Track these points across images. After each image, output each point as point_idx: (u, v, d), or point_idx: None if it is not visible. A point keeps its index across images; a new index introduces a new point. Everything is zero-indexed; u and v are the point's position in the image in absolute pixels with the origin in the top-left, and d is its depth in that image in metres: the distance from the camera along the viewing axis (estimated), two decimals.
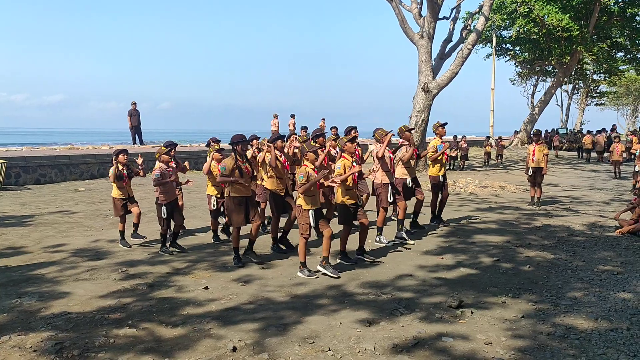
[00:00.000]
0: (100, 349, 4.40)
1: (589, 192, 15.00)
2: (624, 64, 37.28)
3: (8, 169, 14.63)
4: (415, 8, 19.15)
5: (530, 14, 27.10)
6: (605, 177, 19.52)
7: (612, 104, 55.59)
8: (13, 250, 7.83)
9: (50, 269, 6.85)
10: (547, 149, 12.11)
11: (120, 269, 6.80)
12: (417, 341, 4.56)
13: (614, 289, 6.01)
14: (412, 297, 5.76)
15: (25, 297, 5.71)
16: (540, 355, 4.31)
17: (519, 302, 5.59)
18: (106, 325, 4.90)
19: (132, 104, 22.00)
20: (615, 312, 5.28)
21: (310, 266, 6.63)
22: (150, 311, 5.30)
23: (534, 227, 9.66)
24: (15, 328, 4.84)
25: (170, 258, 7.43)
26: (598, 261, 7.22)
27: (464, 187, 15.45)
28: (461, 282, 6.30)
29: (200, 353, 4.34)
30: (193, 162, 19.23)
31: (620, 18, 29.68)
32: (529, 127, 32.83)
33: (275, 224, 7.86)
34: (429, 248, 8.02)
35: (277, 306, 5.47)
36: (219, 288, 6.06)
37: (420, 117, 18.84)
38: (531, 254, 7.61)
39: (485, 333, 4.76)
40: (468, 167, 22.01)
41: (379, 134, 8.20)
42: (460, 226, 9.78)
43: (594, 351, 4.38)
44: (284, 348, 4.44)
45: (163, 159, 7.81)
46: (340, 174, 6.80)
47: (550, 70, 39.16)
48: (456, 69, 18.70)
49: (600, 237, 8.80)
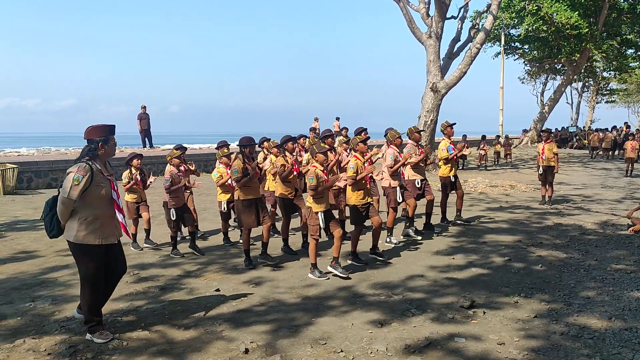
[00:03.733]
0: (113, 352, 4.42)
1: (600, 191, 14.89)
2: (634, 61, 37.01)
3: (20, 173, 14.76)
4: (422, 8, 19.11)
5: (539, 12, 26.93)
6: (616, 175, 19.36)
7: (623, 101, 55.21)
8: (26, 254, 7.89)
9: (62, 272, 6.90)
10: (556, 147, 12.03)
11: (132, 272, 6.83)
12: (429, 342, 4.54)
13: (627, 287, 5.96)
14: (424, 297, 5.75)
15: (39, 300, 5.75)
16: (553, 355, 4.28)
17: (531, 301, 5.56)
18: (119, 328, 4.93)
19: (141, 108, 22.11)
20: (629, 311, 5.23)
21: (321, 268, 6.63)
22: (162, 313, 5.32)
23: (545, 226, 9.60)
24: (30, 331, 4.88)
25: (182, 261, 7.47)
26: (611, 260, 7.16)
27: (474, 187, 15.39)
28: (473, 282, 6.28)
29: (213, 355, 4.36)
30: (202, 165, 19.31)
31: (630, 15, 29.45)
32: (539, 126, 32.62)
33: (285, 226, 7.87)
34: (439, 248, 8.00)
35: (289, 308, 5.48)
36: (230, 290, 6.08)
37: (429, 117, 18.80)
38: (543, 254, 7.57)
39: (497, 333, 4.74)
40: (484, 167, 21.86)
41: (392, 135, 8.19)
42: (471, 226, 9.74)
43: (608, 351, 4.35)
44: (296, 349, 4.45)
45: (174, 162, 7.85)
46: (353, 173, 6.81)
47: (559, 68, 38.91)
48: (465, 69, 18.65)
49: (613, 235, 8.73)
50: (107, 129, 4.68)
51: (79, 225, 4.54)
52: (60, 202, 4.52)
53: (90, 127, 4.67)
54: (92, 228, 4.56)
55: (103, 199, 4.62)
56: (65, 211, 4.53)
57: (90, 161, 4.59)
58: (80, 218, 4.54)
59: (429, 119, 18.77)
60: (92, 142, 4.63)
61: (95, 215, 4.58)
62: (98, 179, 4.57)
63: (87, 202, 4.54)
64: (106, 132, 4.66)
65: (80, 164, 4.56)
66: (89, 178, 4.49)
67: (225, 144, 8.76)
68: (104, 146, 4.65)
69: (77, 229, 4.53)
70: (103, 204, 4.63)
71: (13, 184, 14.25)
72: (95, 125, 4.68)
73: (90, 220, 4.56)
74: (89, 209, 4.56)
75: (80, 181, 4.45)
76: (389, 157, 8.04)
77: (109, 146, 4.69)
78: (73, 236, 4.55)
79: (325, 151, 6.72)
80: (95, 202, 4.57)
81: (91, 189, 4.52)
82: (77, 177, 4.46)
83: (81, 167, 4.51)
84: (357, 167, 6.89)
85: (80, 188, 4.45)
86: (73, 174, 4.48)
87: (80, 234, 4.53)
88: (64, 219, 4.58)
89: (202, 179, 10.82)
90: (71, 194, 4.45)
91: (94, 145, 4.62)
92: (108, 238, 4.67)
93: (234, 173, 6.98)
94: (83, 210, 4.55)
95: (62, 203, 4.51)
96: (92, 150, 4.62)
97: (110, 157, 4.83)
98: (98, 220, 4.59)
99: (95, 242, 4.58)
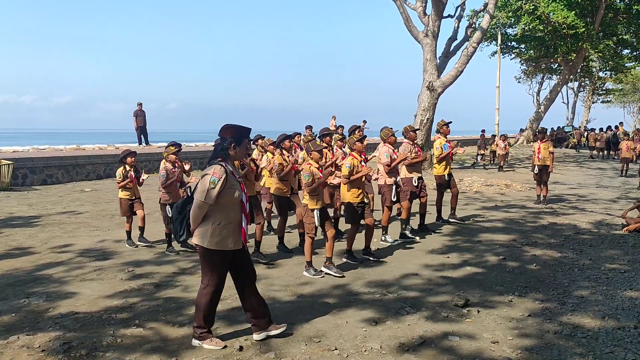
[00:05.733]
0: (107, 349, 4.42)
1: (595, 190, 14.94)
2: (630, 61, 37.13)
3: (15, 170, 14.69)
4: (419, 6, 19.10)
5: (536, 11, 26.98)
6: (611, 174, 19.43)
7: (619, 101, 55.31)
8: (20, 251, 7.87)
9: (57, 269, 6.89)
10: (552, 147, 12.05)
11: (126, 269, 6.83)
12: (424, 340, 4.55)
13: (621, 287, 5.99)
14: (418, 296, 5.76)
15: (33, 297, 5.74)
16: (547, 354, 4.30)
17: (525, 300, 5.58)
18: (113, 325, 4.93)
19: (137, 105, 22.05)
20: (623, 310, 5.26)
21: (316, 266, 6.63)
22: (157, 311, 5.32)
23: (540, 226, 9.63)
24: (24, 328, 4.87)
25: (176, 258, 7.46)
26: (605, 259, 7.19)
27: (470, 186, 15.42)
28: (467, 281, 6.29)
29: (207, 352, 4.36)
30: (198, 162, 19.29)
31: (626, 15, 29.51)
32: (535, 125, 32.72)
33: (281, 224, 7.87)
34: (434, 247, 8.01)
35: (283, 305, 5.49)
36: (224, 288, 6.06)
37: (425, 116, 18.79)
38: (537, 253, 7.59)
39: (491, 332, 4.75)
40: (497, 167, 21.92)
41: (385, 133, 8.19)
42: (465, 225, 9.76)
43: (601, 350, 4.37)
44: (291, 347, 4.45)
45: (170, 159, 7.84)
46: (348, 173, 6.81)
47: (555, 68, 39.00)
48: (461, 67, 18.65)
49: (607, 235, 8.77)
50: (242, 130, 4.49)
51: (212, 230, 4.34)
52: (196, 206, 4.31)
53: (227, 124, 4.48)
54: (225, 233, 4.37)
55: (235, 202, 4.42)
56: (199, 215, 4.33)
57: (223, 162, 4.40)
58: (214, 223, 4.34)
59: (425, 117, 18.76)
60: (225, 141, 4.43)
61: (228, 219, 4.38)
62: (232, 182, 4.38)
63: (221, 205, 4.34)
64: (241, 133, 4.47)
65: (215, 165, 4.35)
66: (224, 181, 4.30)
67: None
68: (235, 147, 4.43)
69: (211, 234, 4.34)
70: (236, 207, 4.45)
71: (8, 180, 14.19)
72: (232, 124, 4.48)
73: (224, 225, 4.36)
74: (223, 212, 4.37)
75: (216, 184, 4.25)
76: (383, 155, 8.04)
77: (240, 148, 4.47)
78: (207, 242, 4.35)
79: (321, 149, 6.71)
80: (228, 206, 4.38)
81: (225, 192, 4.32)
82: (213, 179, 4.26)
83: (217, 170, 4.30)
84: (353, 166, 6.88)
85: (216, 191, 4.26)
86: (209, 176, 4.28)
87: (214, 239, 4.34)
88: (196, 223, 4.38)
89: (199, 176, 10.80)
90: (208, 198, 4.26)
91: (225, 144, 4.42)
92: (238, 242, 4.48)
93: None
94: (216, 214, 4.35)
95: (198, 207, 4.30)
96: (224, 150, 4.42)
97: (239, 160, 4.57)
98: (230, 225, 4.40)
99: (228, 247, 4.40)
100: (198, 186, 4.33)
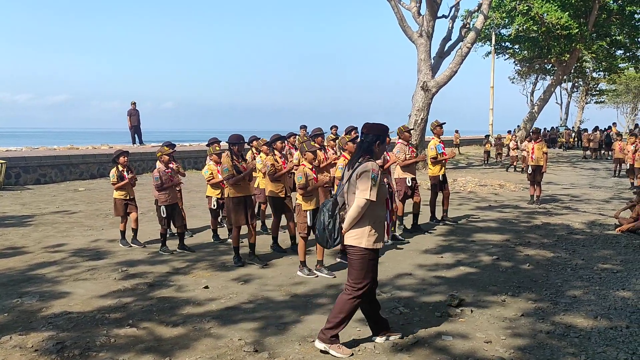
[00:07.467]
0: (101, 348, 4.41)
1: (588, 190, 15.01)
2: (623, 62, 37.27)
3: (8, 169, 14.63)
4: (414, 7, 19.15)
5: (530, 12, 27.05)
6: (604, 175, 19.53)
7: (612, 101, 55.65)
8: (13, 250, 7.84)
9: (50, 268, 6.86)
10: (546, 147, 12.11)
11: (120, 269, 6.81)
12: (417, 340, 4.56)
13: (613, 287, 6.02)
14: (412, 296, 5.77)
15: (26, 297, 5.72)
16: (539, 353, 4.32)
17: (518, 300, 5.60)
18: (107, 325, 4.91)
19: (131, 104, 21.98)
20: (615, 310, 5.29)
21: (309, 265, 6.64)
22: (150, 311, 5.31)
23: (533, 226, 9.67)
24: (17, 328, 4.85)
25: (170, 258, 7.44)
26: (598, 259, 7.23)
27: (464, 186, 15.47)
28: (461, 281, 6.31)
29: (201, 352, 4.36)
30: (193, 162, 19.25)
31: (620, 16, 29.62)
32: (529, 126, 32.78)
33: (275, 224, 7.86)
34: (428, 247, 8.03)
35: (277, 305, 5.49)
36: (218, 287, 6.07)
37: (419, 116, 18.85)
38: (531, 253, 7.63)
39: (484, 332, 4.77)
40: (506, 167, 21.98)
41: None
42: (459, 225, 9.79)
43: (594, 349, 4.39)
44: (284, 347, 4.46)
45: (163, 160, 7.82)
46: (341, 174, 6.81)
47: (549, 69, 39.12)
48: (455, 68, 18.72)
49: (600, 235, 8.81)
50: (385, 129, 4.40)
51: (370, 229, 4.20)
52: (358, 205, 4.13)
53: (369, 122, 4.40)
54: (379, 231, 4.27)
55: (384, 199, 4.35)
56: (360, 215, 4.18)
57: (372, 159, 4.29)
58: (370, 221, 4.20)
59: (420, 117, 18.82)
60: (368, 137, 4.32)
61: (380, 217, 4.31)
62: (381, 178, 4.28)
63: (374, 203, 4.19)
64: (384, 131, 4.38)
65: (370, 162, 4.22)
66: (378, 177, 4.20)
67: (216, 141, 8.73)
68: (379, 145, 4.34)
69: (368, 234, 4.19)
70: (383, 205, 4.38)
71: (1, 179, 14.13)
72: (375, 122, 4.41)
73: (378, 223, 4.26)
74: (375, 210, 4.23)
75: (376, 180, 4.13)
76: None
77: (382, 146, 4.38)
78: (365, 242, 4.19)
79: (315, 150, 6.70)
80: (379, 203, 4.26)
81: (380, 189, 4.22)
82: (374, 176, 4.12)
83: (375, 166, 4.18)
84: None
85: (377, 188, 4.15)
86: (369, 172, 4.13)
87: (372, 239, 4.20)
88: (353, 224, 4.22)
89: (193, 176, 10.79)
90: (372, 195, 4.12)
91: (369, 140, 4.31)
92: (383, 240, 4.38)
93: (224, 171, 6.95)
94: (370, 213, 4.20)
95: (362, 206, 4.13)
96: (371, 145, 4.30)
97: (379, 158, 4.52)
98: (382, 223, 4.32)
99: (380, 245, 4.29)
100: (358, 184, 4.19)
